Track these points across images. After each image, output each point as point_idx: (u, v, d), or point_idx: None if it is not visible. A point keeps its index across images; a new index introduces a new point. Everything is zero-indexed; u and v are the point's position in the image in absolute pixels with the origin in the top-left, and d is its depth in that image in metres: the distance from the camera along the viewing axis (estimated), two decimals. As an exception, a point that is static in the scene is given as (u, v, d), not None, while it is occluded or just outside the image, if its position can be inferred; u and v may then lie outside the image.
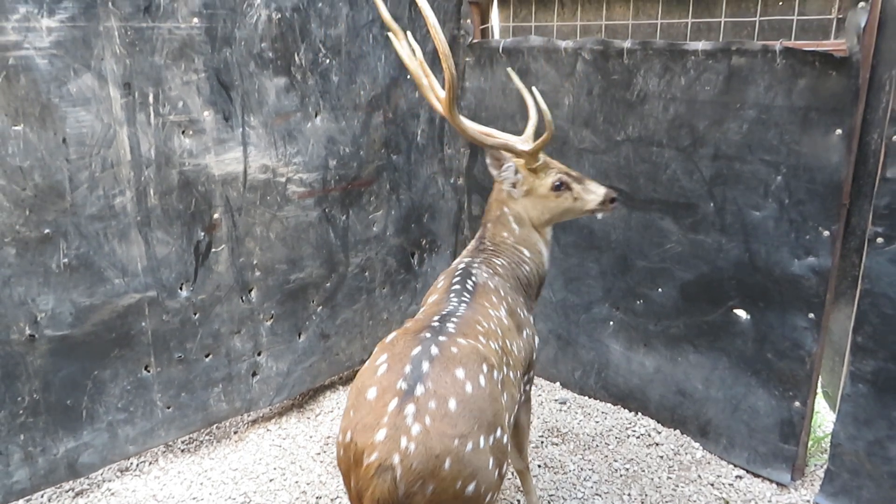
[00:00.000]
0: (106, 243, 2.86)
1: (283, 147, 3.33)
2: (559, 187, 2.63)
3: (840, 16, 2.71)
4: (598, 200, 2.65)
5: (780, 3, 2.85)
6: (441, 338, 2.04)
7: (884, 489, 2.82)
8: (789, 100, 2.80)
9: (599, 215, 2.73)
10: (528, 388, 2.63)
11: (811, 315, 2.95)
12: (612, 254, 3.59)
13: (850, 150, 2.71)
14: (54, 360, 2.82)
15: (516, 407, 2.34)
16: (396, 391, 1.86)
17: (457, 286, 2.44)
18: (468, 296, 2.38)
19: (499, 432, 1.96)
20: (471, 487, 1.82)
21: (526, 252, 2.68)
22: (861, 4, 2.55)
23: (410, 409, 1.81)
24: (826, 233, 2.83)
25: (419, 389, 1.85)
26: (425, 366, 1.92)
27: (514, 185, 2.65)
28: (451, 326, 2.13)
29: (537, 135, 2.65)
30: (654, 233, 3.38)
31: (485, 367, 2.01)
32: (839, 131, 2.71)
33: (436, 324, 2.14)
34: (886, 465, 2.80)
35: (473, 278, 2.47)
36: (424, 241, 4.14)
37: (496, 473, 1.93)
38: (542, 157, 2.64)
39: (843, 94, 2.66)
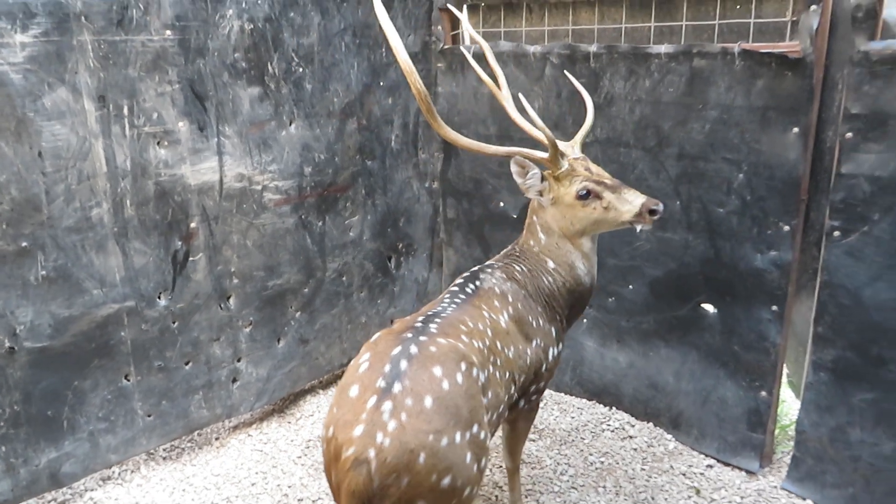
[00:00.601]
0: (84, 255, 2.89)
1: (258, 155, 3.37)
2: (585, 196, 2.49)
3: (794, 18, 2.82)
4: (634, 211, 2.46)
5: (738, 7, 2.95)
6: (422, 338, 2.11)
7: (846, 473, 2.94)
8: (748, 100, 2.91)
9: (639, 228, 2.50)
10: (534, 397, 2.65)
11: (774, 307, 3.06)
12: (584, 253, 3.67)
13: (807, 147, 2.82)
14: (34, 372, 2.84)
15: (504, 406, 2.39)
16: (375, 389, 1.93)
17: (456, 288, 2.50)
18: (463, 297, 2.43)
19: (476, 428, 2.02)
20: (446, 480, 1.88)
21: (550, 263, 2.63)
22: (813, 7, 2.66)
23: (388, 406, 1.88)
24: (786, 228, 2.94)
25: (397, 387, 1.92)
26: (404, 364, 1.99)
27: (541, 194, 2.59)
28: (433, 327, 2.20)
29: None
30: (624, 231, 3.44)
31: (463, 366, 2.07)
32: (796, 129, 2.81)
33: (419, 324, 2.21)
34: (848, 449, 2.91)
35: (478, 282, 2.51)
36: (401, 245, 4.20)
37: (474, 468, 2.00)
38: (571, 163, 2.54)
39: (799, 94, 2.77)
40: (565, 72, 3.12)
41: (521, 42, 3.66)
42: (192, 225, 3.21)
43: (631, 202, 2.48)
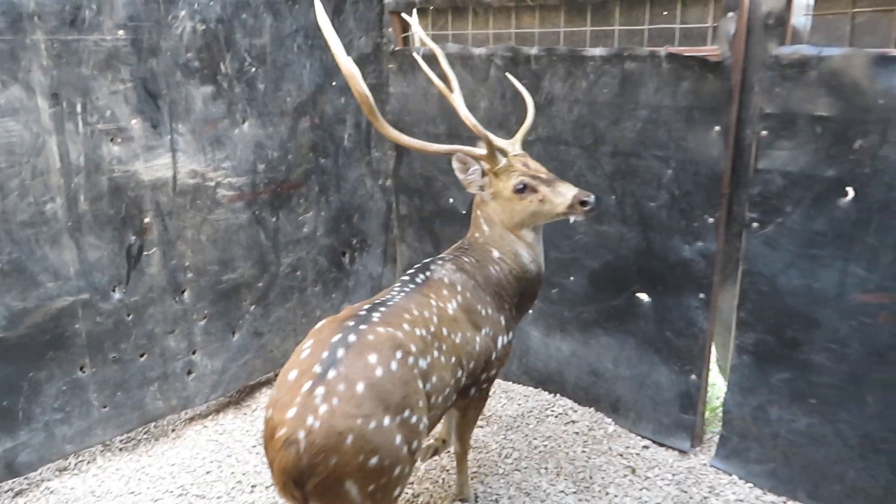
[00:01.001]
0: (38, 248, 2.97)
1: (211, 153, 3.48)
2: (522, 190, 2.64)
3: (715, 24, 3.02)
4: (567, 203, 2.63)
5: (665, 13, 3.15)
6: (362, 326, 2.24)
7: (767, 449, 3.15)
8: (675, 100, 3.10)
9: (572, 219, 2.68)
10: (485, 385, 2.79)
11: (702, 295, 3.26)
12: (529, 246, 3.84)
13: (728, 144, 3.03)
14: (-12, 363, 2.91)
15: (450, 390, 2.49)
16: (312, 374, 2.07)
17: (407, 278, 2.64)
18: (413, 286, 2.56)
19: (407, 413, 2.16)
20: (374, 461, 2.03)
21: (495, 253, 2.76)
22: (730, 14, 2.86)
23: (321, 391, 2.02)
24: (710, 220, 3.14)
25: (331, 373, 2.06)
26: (341, 352, 2.12)
27: (482, 188, 2.73)
28: (376, 315, 2.32)
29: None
30: (565, 225, 3.61)
31: (399, 354, 2.21)
32: (717, 128, 3.02)
33: (363, 312, 2.34)
34: (768, 427, 3.12)
35: (428, 273, 2.64)
36: (355, 241, 4.33)
37: (404, 449, 2.14)
38: (510, 159, 2.70)
39: (719, 95, 2.97)
40: (507, 74, 3.29)
41: (468, 44, 3.83)
42: (147, 220, 3.30)
43: (564, 195, 2.64)
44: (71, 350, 3.16)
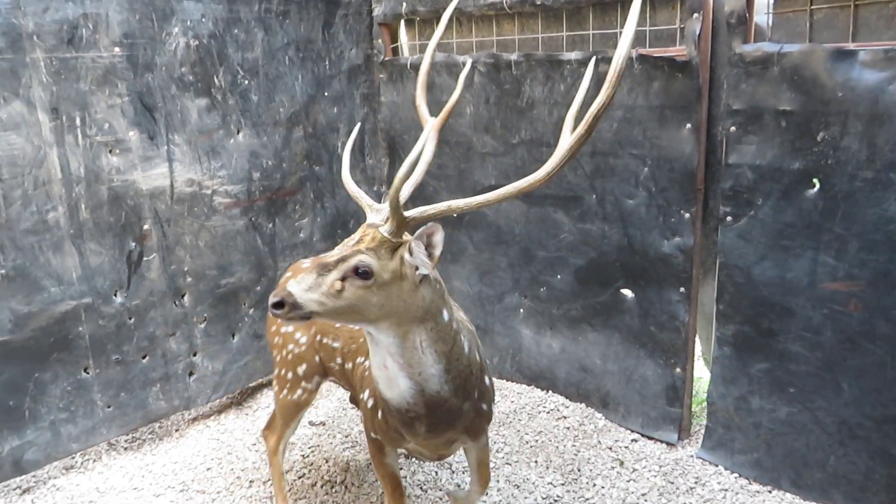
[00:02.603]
0: (41, 255, 3.13)
1: (207, 162, 3.63)
2: None
3: (682, 25, 3.11)
4: None
5: (637, 17, 3.24)
6: None
7: (750, 438, 3.20)
8: (647, 100, 3.20)
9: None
10: None
11: (682, 289, 3.33)
12: (517, 246, 3.95)
13: (700, 141, 3.11)
14: (-4, 364, 3.07)
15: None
16: None
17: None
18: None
19: None
20: None
21: None
22: (695, 15, 2.96)
23: None
24: (687, 215, 3.22)
25: None
26: None
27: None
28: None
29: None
30: (550, 225, 3.75)
31: None
32: (689, 125, 3.10)
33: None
34: (750, 416, 3.18)
35: None
36: (351, 245, 4.45)
37: None
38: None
39: (689, 93, 3.06)
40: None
41: (453, 53, 3.95)
42: (146, 227, 3.46)
43: None
44: (75, 352, 3.31)
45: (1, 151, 2.94)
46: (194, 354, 3.79)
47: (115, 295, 3.41)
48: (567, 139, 2.13)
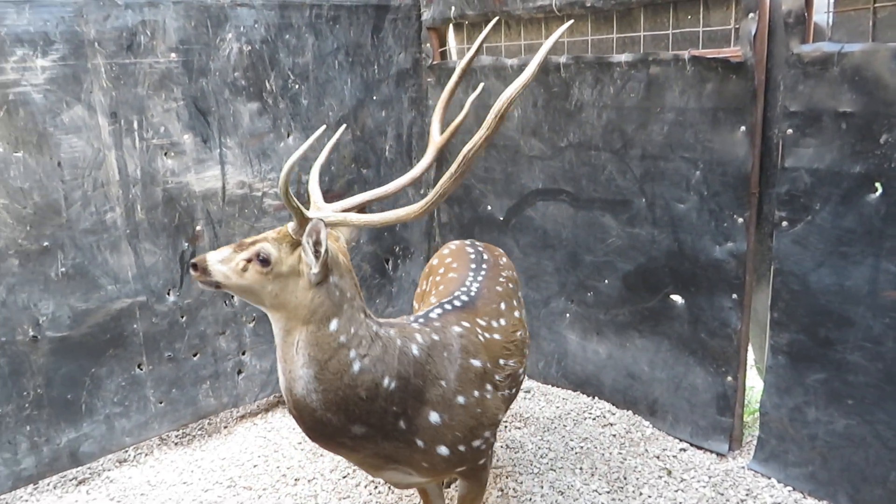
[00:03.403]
0: (99, 254, 3.24)
1: (258, 165, 3.70)
2: None
3: (737, 26, 3.04)
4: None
5: (689, 17, 3.19)
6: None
7: (805, 451, 3.10)
8: (700, 102, 3.13)
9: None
10: None
11: (734, 296, 3.25)
12: (564, 251, 3.91)
13: (754, 144, 3.03)
14: (55, 359, 3.18)
15: None
16: None
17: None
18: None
19: None
20: None
21: None
22: (751, 15, 2.89)
23: None
24: (740, 220, 3.14)
25: None
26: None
27: None
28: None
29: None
30: (598, 229, 3.71)
31: None
32: (743, 128, 3.03)
33: None
34: (805, 428, 3.08)
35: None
36: (398, 248, 4.48)
37: None
38: None
39: (743, 95, 2.99)
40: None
41: (501, 56, 3.94)
42: (198, 227, 3.54)
43: None
44: (129, 348, 3.41)
45: (63, 154, 3.05)
46: (243, 353, 3.86)
47: (168, 294, 3.50)
48: (442, 179, 2.13)
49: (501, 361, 2.46)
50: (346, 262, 2.15)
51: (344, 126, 2.74)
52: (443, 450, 2.18)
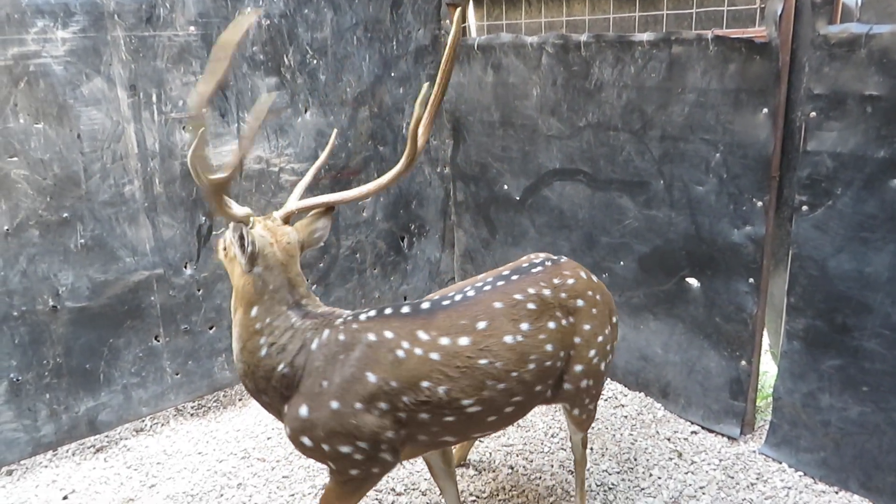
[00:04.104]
0: (117, 226, 3.26)
1: (275, 140, 3.70)
2: None
3: (762, 5, 2.98)
4: None
5: (714, -4, 3.14)
6: None
7: (817, 437, 3.09)
8: (722, 83, 3.08)
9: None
10: None
11: (751, 280, 3.22)
12: (580, 231, 3.89)
13: (777, 126, 2.98)
14: (74, 329, 3.23)
15: None
16: None
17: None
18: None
19: None
20: None
21: None
22: (777, -5, 2.83)
23: None
24: (759, 203, 3.11)
25: None
26: None
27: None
28: None
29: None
30: (614, 210, 3.68)
31: None
32: (765, 110, 2.98)
33: None
34: (818, 414, 3.06)
35: None
36: (413, 226, 4.48)
37: None
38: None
39: (767, 76, 2.94)
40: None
41: (521, 33, 3.90)
42: (215, 202, 3.55)
43: None
44: (147, 320, 3.45)
45: (83, 126, 3.06)
46: (258, 327, 3.88)
47: (186, 267, 3.53)
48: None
49: (424, 384, 2.17)
50: (283, 258, 2.29)
51: (336, 131, 2.88)
52: (306, 440, 2.25)
